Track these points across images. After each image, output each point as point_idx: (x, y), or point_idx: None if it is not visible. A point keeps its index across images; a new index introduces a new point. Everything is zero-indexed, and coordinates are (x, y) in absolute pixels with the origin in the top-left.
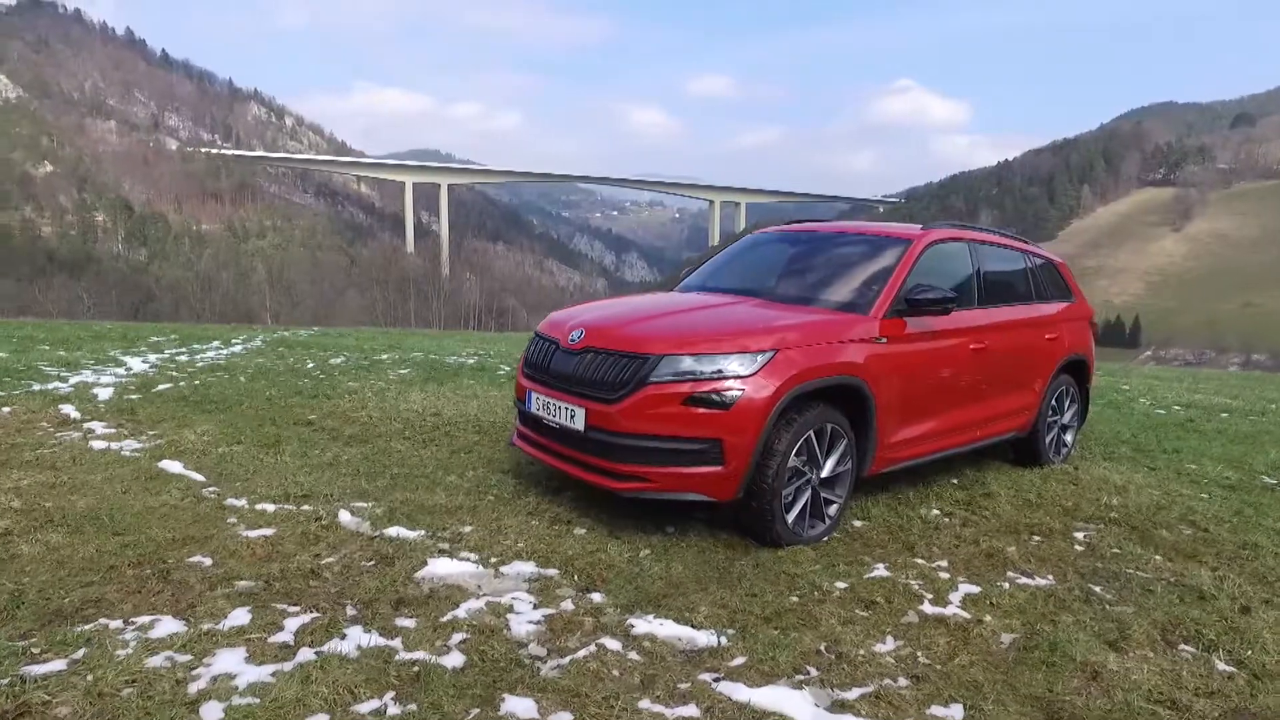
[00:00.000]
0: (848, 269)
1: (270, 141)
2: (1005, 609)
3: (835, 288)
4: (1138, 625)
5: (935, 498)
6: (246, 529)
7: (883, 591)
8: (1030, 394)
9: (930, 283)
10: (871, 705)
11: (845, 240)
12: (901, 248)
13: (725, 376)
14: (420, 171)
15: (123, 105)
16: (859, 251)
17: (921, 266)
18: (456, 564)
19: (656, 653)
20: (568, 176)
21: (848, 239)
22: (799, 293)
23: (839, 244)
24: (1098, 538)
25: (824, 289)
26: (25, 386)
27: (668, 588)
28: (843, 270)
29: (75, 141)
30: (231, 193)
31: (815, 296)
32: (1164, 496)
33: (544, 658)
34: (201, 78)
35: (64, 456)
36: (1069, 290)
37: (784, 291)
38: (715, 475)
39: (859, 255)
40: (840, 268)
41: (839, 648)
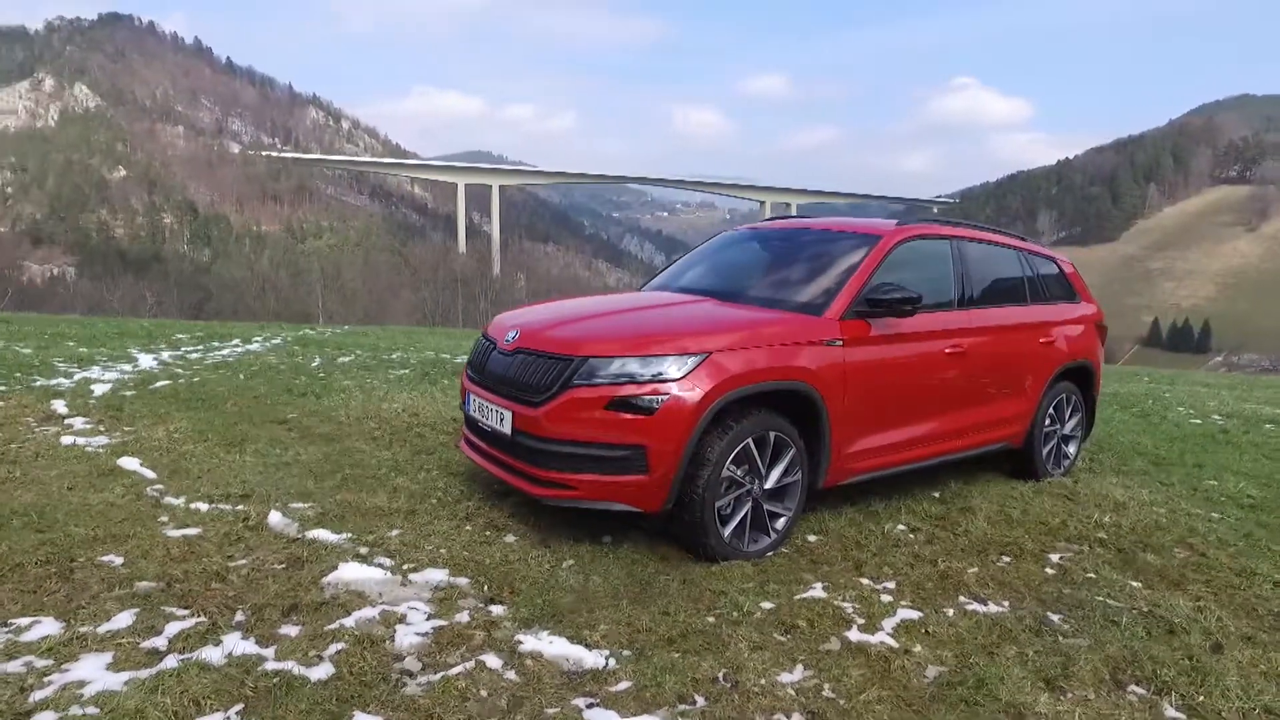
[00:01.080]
0: (811, 268)
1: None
2: (941, 638)
3: (794, 287)
4: (1086, 661)
5: (906, 512)
6: (174, 528)
7: (809, 614)
8: (1022, 402)
9: (898, 282)
10: None
11: (813, 238)
12: (868, 245)
13: (650, 380)
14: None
15: (190, 111)
16: (825, 249)
17: (891, 265)
18: (366, 570)
19: (537, 673)
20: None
21: (816, 236)
22: (758, 292)
23: (807, 242)
24: (1074, 560)
25: (783, 289)
26: (29, 382)
27: (577, 602)
28: (805, 269)
29: (146, 146)
30: (290, 194)
31: (773, 296)
32: (1167, 515)
33: (415, 673)
34: (264, 83)
35: (28, 452)
36: (1073, 291)
37: (743, 291)
38: (640, 484)
39: (825, 253)
40: (804, 267)
41: (738, 676)
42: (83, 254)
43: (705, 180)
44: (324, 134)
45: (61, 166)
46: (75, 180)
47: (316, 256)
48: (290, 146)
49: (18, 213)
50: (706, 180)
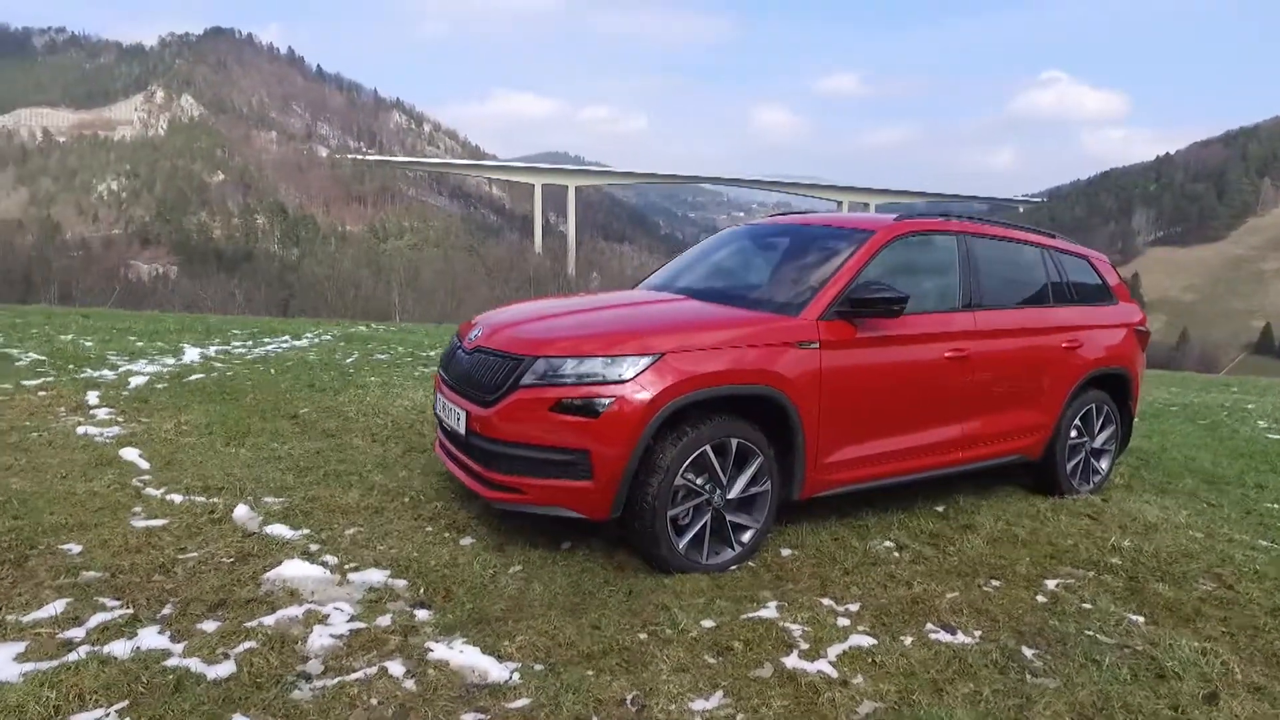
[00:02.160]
0: (798, 267)
1: (410, 147)
2: (889, 670)
3: (776, 287)
4: (1048, 705)
5: (899, 528)
6: (142, 519)
7: (750, 636)
8: (1041, 412)
9: (891, 281)
10: None
11: (806, 235)
12: (858, 241)
13: (596, 382)
14: (549, 173)
15: (282, 117)
16: (815, 247)
17: (883, 264)
18: (308, 567)
19: (436, 683)
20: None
21: (809, 233)
22: (740, 292)
23: (799, 240)
24: (1072, 588)
25: (765, 288)
26: (76, 373)
27: (508, 610)
28: (792, 268)
29: (243, 151)
30: (374, 196)
31: (753, 296)
32: (1202, 541)
33: (313, 677)
34: (350, 89)
35: (42, 440)
36: (1108, 293)
37: (725, 290)
38: (584, 490)
39: (814, 251)
40: (791, 265)
41: (647, 699)
42: (184, 254)
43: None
44: (407, 137)
45: (168, 172)
46: (179, 185)
47: (397, 256)
48: (375, 149)
49: (130, 216)
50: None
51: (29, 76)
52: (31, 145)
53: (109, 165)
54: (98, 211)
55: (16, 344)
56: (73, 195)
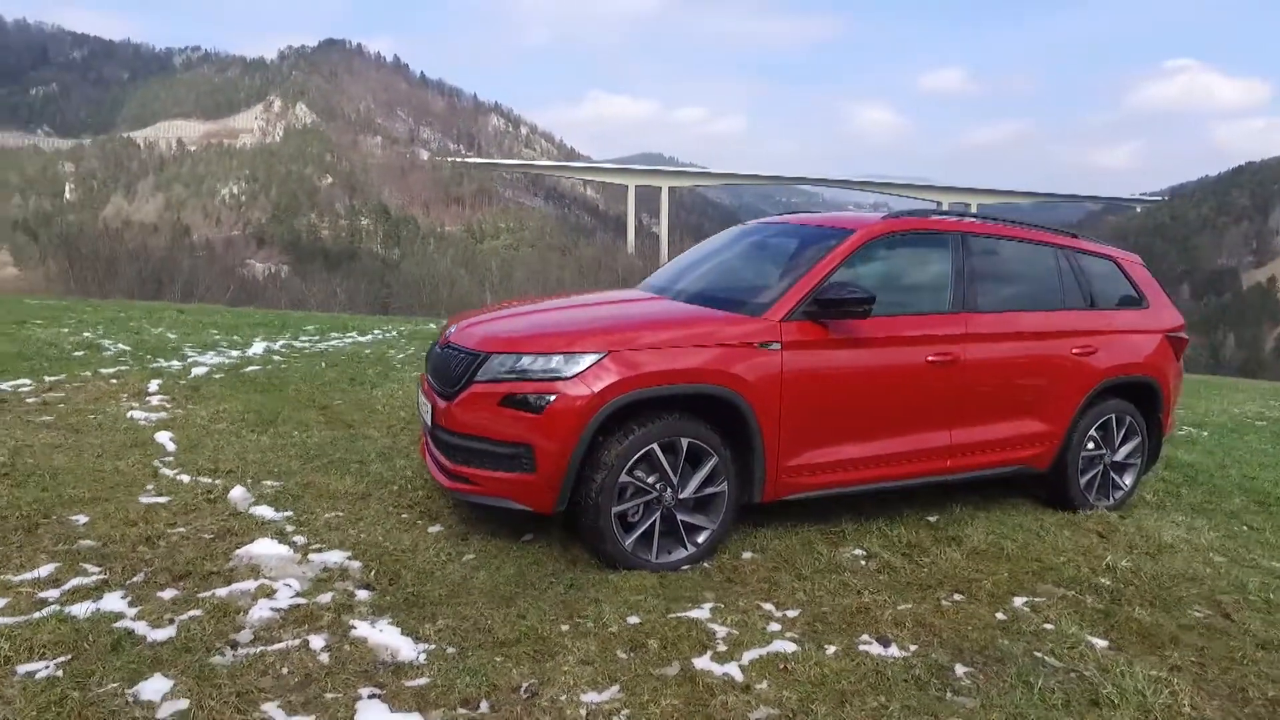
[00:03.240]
0: (776, 266)
1: (507, 149)
2: (798, 678)
3: (751, 286)
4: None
5: (877, 535)
6: (150, 496)
7: (670, 634)
8: (1047, 420)
9: (873, 282)
10: None
11: (793, 234)
12: (834, 242)
13: (542, 378)
14: (642, 174)
15: (387, 122)
16: (798, 247)
17: (863, 263)
18: (275, 546)
19: (348, 658)
20: (788, 179)
21: (796, 232)
22: (717, 291)
23: (786, 238)
24: (1039, 607)
25: (741, 287)
26: (149, 363)
27: (446, 595)
28: (772, 267)
29: (350, 156)
30: (472, 197)
31: (726, 295)
32: (1218, 566)
33: (240, 645)
34: (451, 94)
35: (94, 422)
36: (1137, 296)
37: (704, 289)
38: (529, 483)
39: (795, 251)
40: (771, 265)
41: (542, 688)
42: (294, 253)
43: (878, 181)
44: (504, 139)
45: (282, 177)
46: (292, 188)
47: (492, 256)
48: (473, 152)
49: (248, 218)
50: (879, 181)
51: (169, 92)
52: (168, 155)
53: (231, 171)
54: (220, 215)
55: (111, 336)
56: (200, 200)
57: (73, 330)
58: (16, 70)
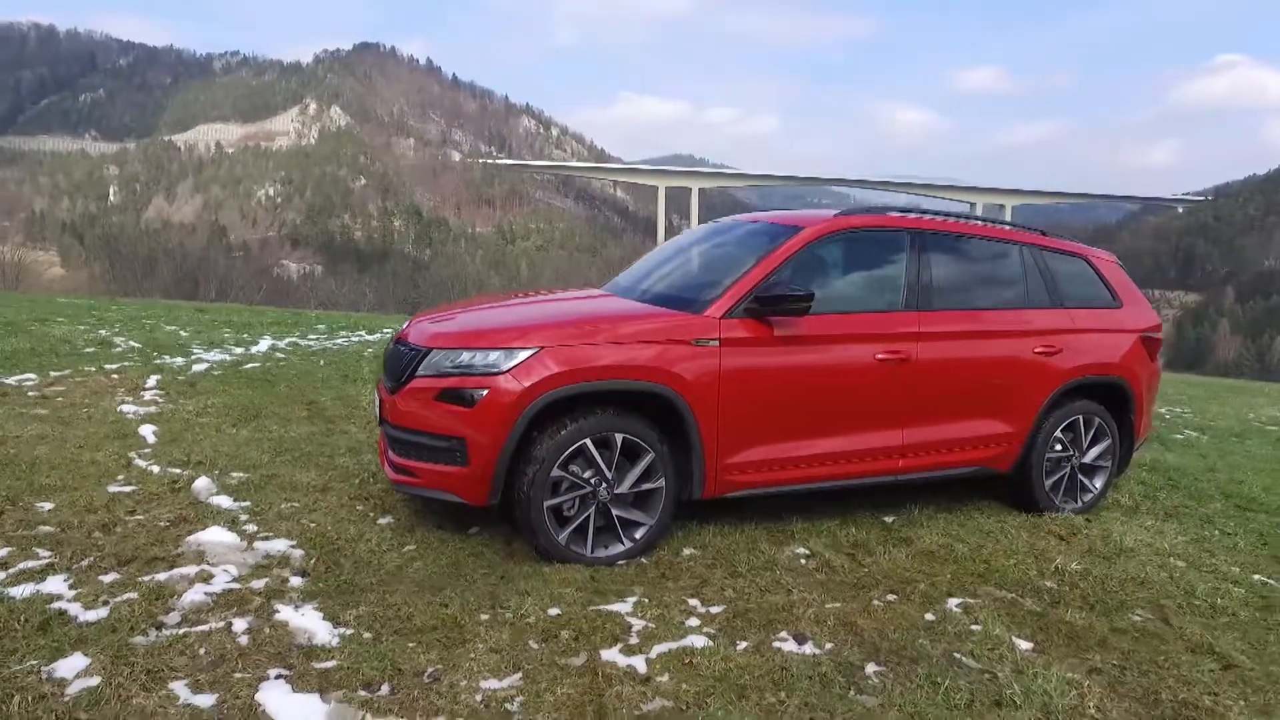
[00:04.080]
0: (725, 264)
1: (538, 151)
2: (700, 672)
3: (697, 284)
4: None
5: (826, 535)
6: (118, 485)
7: (585, 626)
8: (1008, 421)
9: (821, 280)
10: None
11: (746, 232)
12: (783, 238)
13: (474, 373)
14: (672, 176)
15: (420, 124)
16: (748, 244)
17: (810, 261)
18: (225, 534)
19: (264, 641)
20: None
21: (749, 230)
22: (665, 289)
23: (740, 236)
24: (972, 609)
25: (688, 285)
26: (154, 359)
27: (377, 583)
28: (721, 265)
29: (383, 158)
30: (502, 198)
31: (673, 294)
32: (1175, 570)
33: (165, 626)
34: (483, 95)
35: (85, 415)
36: (1110, 295)
37: (654, 287)
38: (462, 476)
39: (745, 248)
40: (721, 262)
41: (446, 673)
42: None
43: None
44: (535, 141)
45: (317, 178)
46: (326, 190)
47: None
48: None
49: (283, 219)
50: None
51: (208, 96)
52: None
53: (267, 173)
54: (256, 216)
55: (124, 333)
56: (237, 201)
57: (90, 328)
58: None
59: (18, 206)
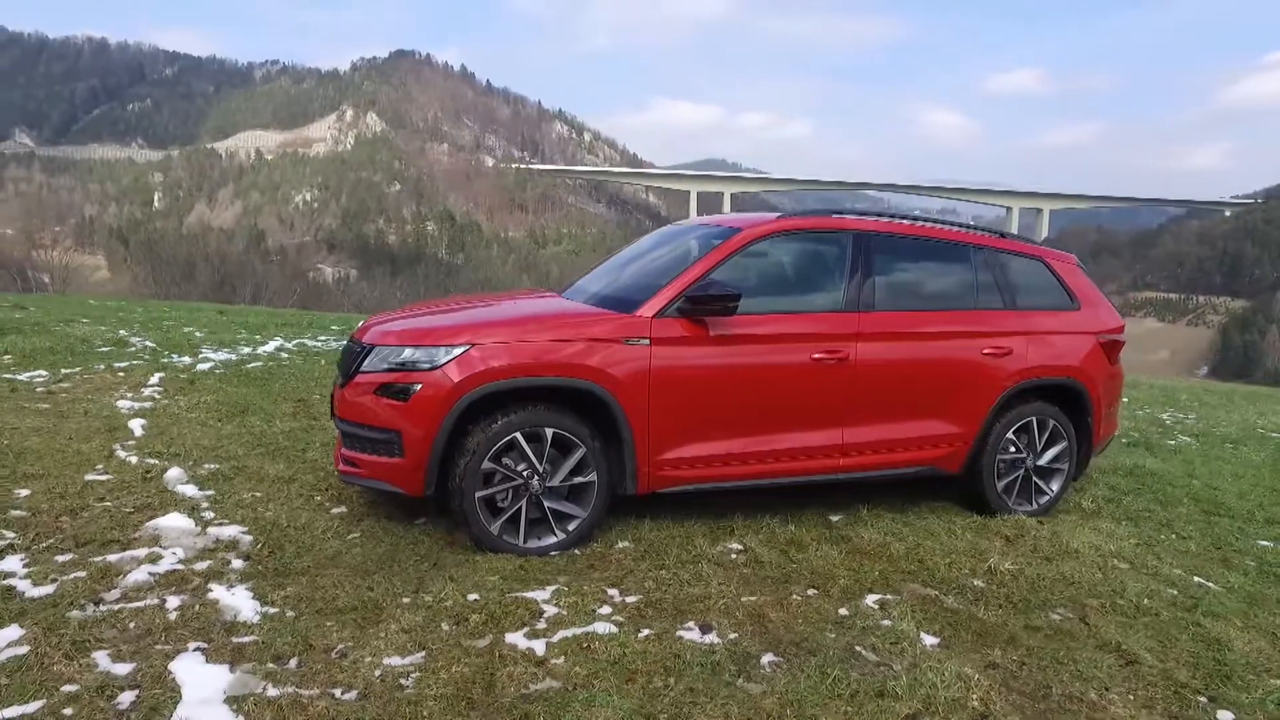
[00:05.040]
0: (666, 265)
1: (571, 156)
2: (597, 657)
3: (635, 285)
4: (718, 706)
5: (764, 531)
6: (95, 474)
7: (498, 611)
8: (956, 422)
9: (757, 280)
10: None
11: (692, 234)
12: (720, 240)
13: (410, 369)
14: (704, 180)
15: (454, 130)
16: (690, 246)
17: (750, 261)
18: (182, 520)
19: (194, 617)
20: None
21: (695, 232)
22: (607, 290)
23: (685, 238)
24: (888, 605)
25: (627, 286)
26: (162, 358)
27: (313, 566)
28: (661, 266)
29: (417, 163)
30: (535, 203)
31: (612, 294)
32: (1115, 572)
33: (104, 602)
34: (516, 101)
35: (82, 409)
36: (1067, 295)
37: (598, 288)
38: (399, 467)
39: (685, 250)
40: (662, 263)
41: (354, 650)
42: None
43: (945, 185)
44: (567, 146)
45: (353, 184)
46: (362, 195)
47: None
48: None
49: (319, 224)
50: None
51: (249, 104)
52: (246, 164)
53: (305, 179)
54: (294, 221)
55: (142, 334)
56: (275, 206)
57: (110, 328)
58: (117, 88)
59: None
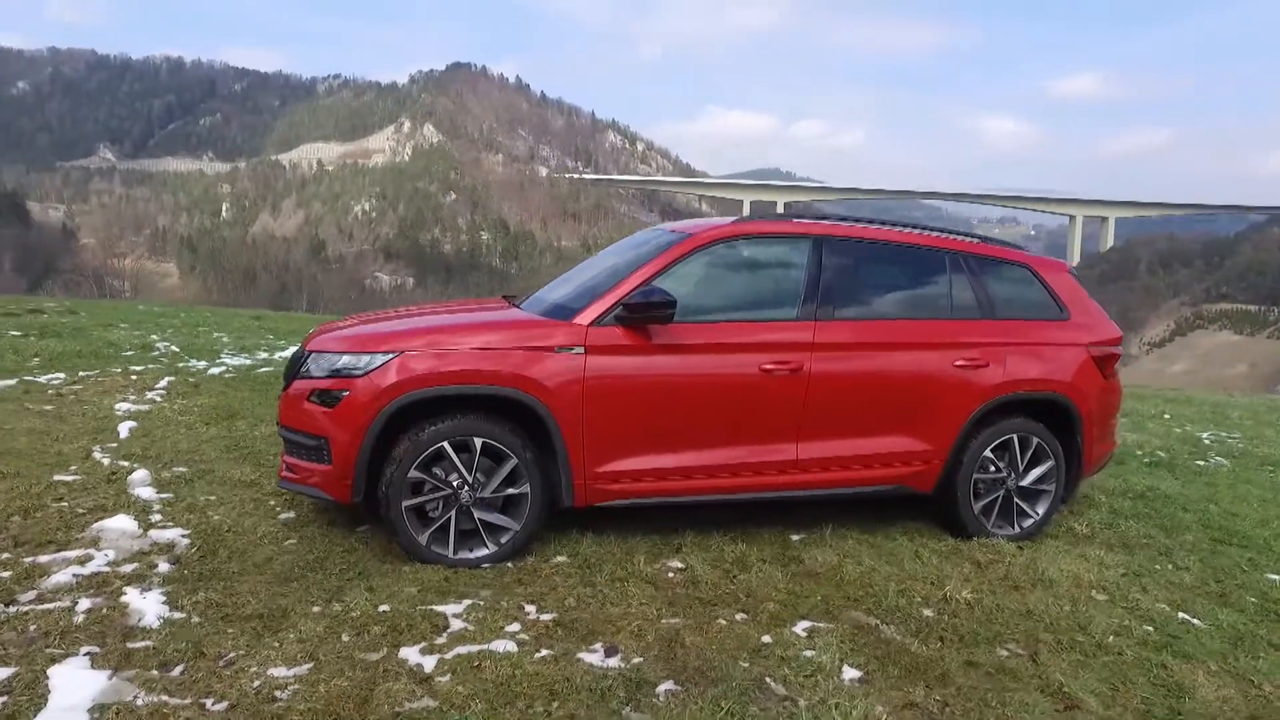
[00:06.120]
0: (613, 271)
1: (624, 166)
2: (486, 677)
3: (580, 292)
4: None
5: (711, 550)
6: (68, 474)
7: (402, 624)
8: (926, 438)
9: (706, 288)
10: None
11: (647, 240)
12: (667, 245)
13: (339, 376)
14: (757, 190)
15: (508, 140)
16: (640, 252)
17: (693, 268)
18: (128, 522)
19: (98, 621)
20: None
21: (650, 238)
22: (558, 297)
23: (640, 244)
24: (817, 633)
25: (576, 295)
26: (179, 362)
27: (238, 572)
28: (610, 272)
29: (472, 173)
30: (588, 212)
31: (558, 301)
32: (1085, 605)
33: (17, 603)
34: (570, 112)
35: (81, 411)
36: (1056, 306)
37: (555, 299)
38: (328, 474)
39: (635, 256)
40: (611, 270)
41: (241, 659)
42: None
43: (1005, 193)
44: (620, 156)
45: (410, 194)
46: (418, 205)
47: None
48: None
49: (377, 233)
50: (1006, 193)
51: (312, 117)
52: (308, 175)
53: (363, 189)
54: (353, 230)
55: (170, 338)
56: (335, 216)
57: (144, 333)
58: (190, 103)
59: (145, 222)
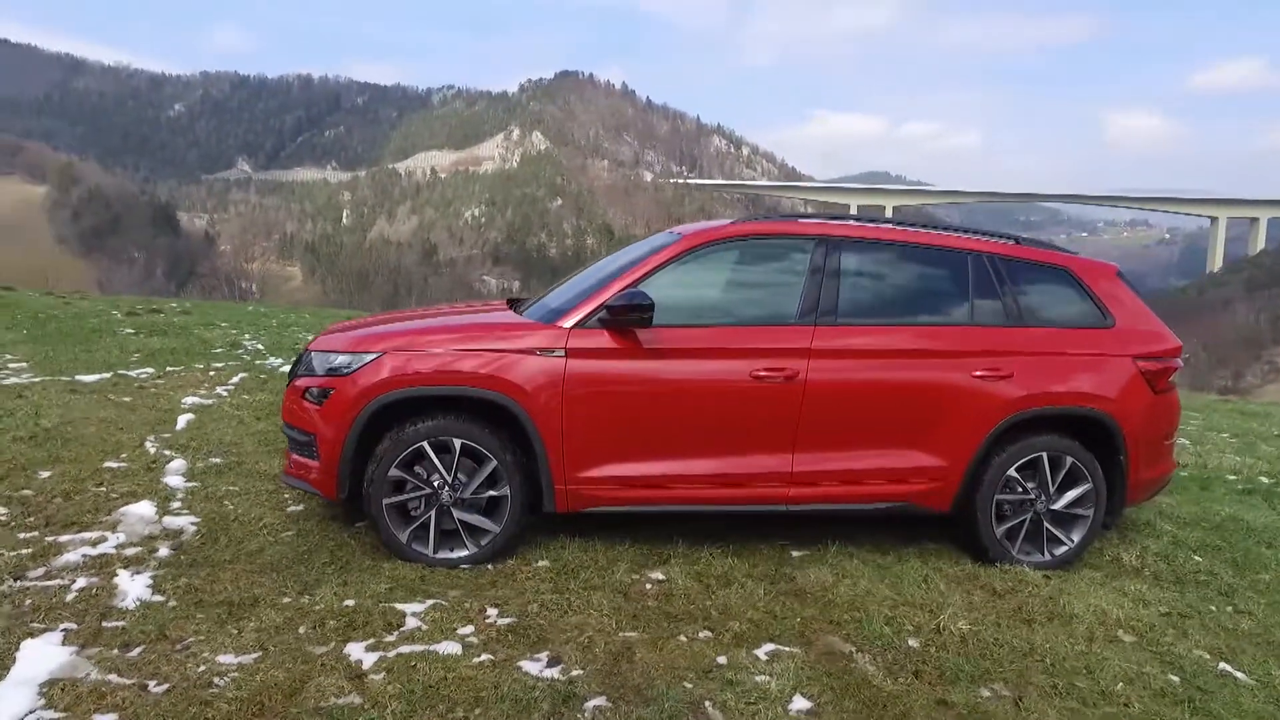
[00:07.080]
0: (609, 274)
1: (728, 170)
2: (417, 678)
3: (572, 296)
4: None
5: (699, 562)
6: (117, 461)
7: (357, 620)
8: (940, 453)
9: (700, 292)
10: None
11: (648, 242)
12: (659, 247)
13: (328, 375)
14: (865, 194)
15: (614, 146)
16: (640, 254)
17: (685, 271)
18: (147, 507)
19: (85, 599)
20: (1024, 195)
21: (652, 240)
22: (556, 300)
23: (642, 245)
24: (779, 658)
25: (566, 298)
26: (258, 360)
27: (229, 560)
28: (604, 276)
29: (578, 179)
30: (691, 217)
31: (553, 304)
32: (1104, 648)
33: (24, 578)
34: (675, 117)
35: (152, 404)
36: (1098, 311)
37: (553, 302)
38: (316, 469)
39: (634, 258)
40: (606, 273)
41: (197, 645)
42: (525, 269)
43: (1133, 194)
44: (725, 161)
45: (518, 199)
46: (526, 210)
47: None
48: (695, 173)
49: (486, 237)
50: (1135, 194)
51: (426, 127)
52: (422, 182)
53: (474, 195)
54: (463, 235)
55: (259, 336)
56: (447, 221)
57: (239, 332)
58: (318, 117)
59: (274, 229)
